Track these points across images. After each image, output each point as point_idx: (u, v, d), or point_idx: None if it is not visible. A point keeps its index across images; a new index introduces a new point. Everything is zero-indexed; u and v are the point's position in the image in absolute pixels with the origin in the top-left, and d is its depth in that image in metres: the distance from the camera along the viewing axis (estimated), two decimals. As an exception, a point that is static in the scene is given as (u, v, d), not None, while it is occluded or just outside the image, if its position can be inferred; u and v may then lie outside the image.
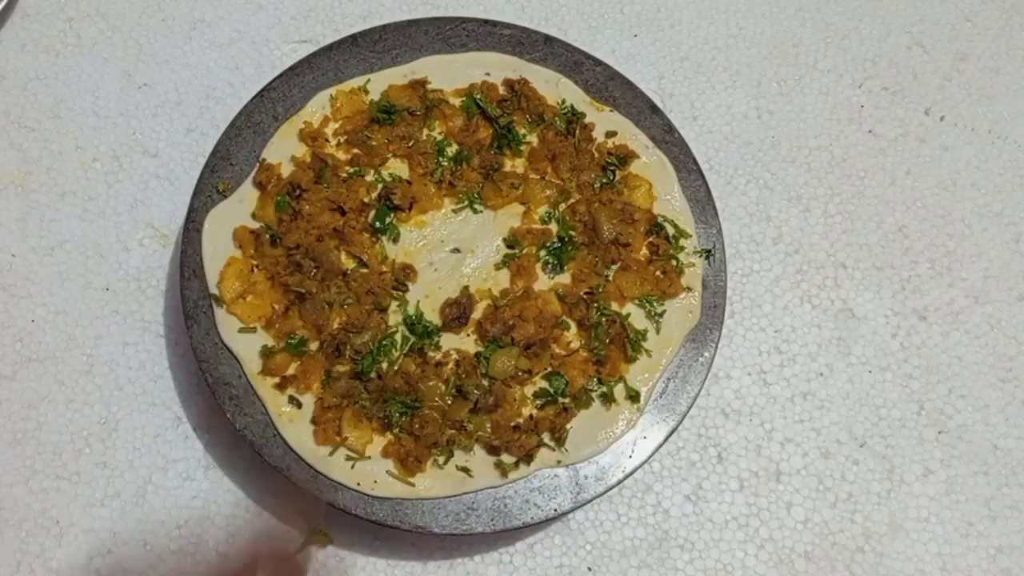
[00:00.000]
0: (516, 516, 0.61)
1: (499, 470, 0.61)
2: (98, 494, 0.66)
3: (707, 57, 0.80)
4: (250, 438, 0.61)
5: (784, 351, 0.71)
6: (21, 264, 0.71)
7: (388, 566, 0.65)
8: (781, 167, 0.77)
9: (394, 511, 0.60)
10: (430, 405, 0.62)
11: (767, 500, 0.67)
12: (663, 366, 0.64)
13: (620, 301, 0.65)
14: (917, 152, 0.78)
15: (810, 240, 0.75)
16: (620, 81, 0.71)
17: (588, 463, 0.62)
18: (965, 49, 0.81)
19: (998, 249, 0.75)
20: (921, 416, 0.70)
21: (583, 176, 0.68)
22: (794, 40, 0.81)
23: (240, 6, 0.80)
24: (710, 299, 0.66)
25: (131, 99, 0.77)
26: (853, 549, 0.66)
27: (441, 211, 0.67)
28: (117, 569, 0.64)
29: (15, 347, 0.69)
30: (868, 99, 0.79)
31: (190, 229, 0.66)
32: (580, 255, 0.67)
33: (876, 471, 0.68)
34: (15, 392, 0.68)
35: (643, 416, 0.63)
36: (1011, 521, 0.67)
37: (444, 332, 0.64)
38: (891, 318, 0.72)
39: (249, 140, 0.68)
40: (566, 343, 0.64)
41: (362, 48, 0.71)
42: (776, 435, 0.69)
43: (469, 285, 0.65)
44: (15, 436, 0.67)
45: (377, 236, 0.66)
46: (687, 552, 0.66)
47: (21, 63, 0.77)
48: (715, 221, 0.68)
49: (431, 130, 0.69)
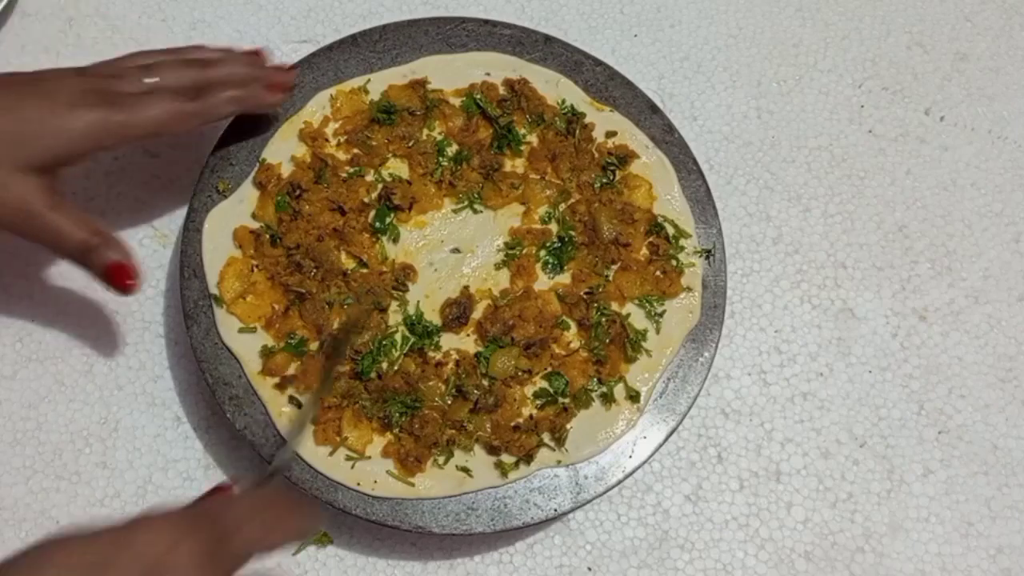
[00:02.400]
0: (516, 516, 0.61)
1: (499, 470, 0.61)
2: (98, 494, 0.66)
3: (707, 57, 0.80)
4: (250, 438, 0.61)
5: (784, 351, 0.71)
6: (21, 264, 0.71)
7: (388, 566, 0.65)
8: (781, 167, 0.77)
9: (394, 511, 0.60)
10: (430, 405, 0.62)
11: (767, 500, 0.67)
12: (663, 366, 0.64)
13: (620, 301, 0.65)
14: (917, 152, 0.78)
15: (810, 240, 0.75)
16: (620, 81, 0.71)
17: (588, 463, 0.62)
18: (965, 49, 0.81)
19: (998, 249, 0.75)
20: (921, 416, 0.70)
21: (583, 176, 0.68)
22: (794, 40, 0.81)
23: (240, 6, 0.80)
24: (710, 299, 0.66)
25: (131, 99, 0.77)
26: (853, 549, 0.66)
27: (441, 211, 0.67)
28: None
29: (15, 347, 0.69)
30: (868, 99, 0.79)
31: (190, 229, 0.66)
32: (580, 255, 0.67)
33: (876, 471, 0.68)
34: (15, 392, 0.68)
35: (643, 416, 0.63)
36: (1011, 521, 0.67)
37: (444, 332, 0.64)
38: (891, 318, 0.72)
39: (249, 140, 0.68)
40: (566, 343, 0.64)
41: (362, 48, 0.71)
42: (776, 435, 0.69)
43: (469, 285, 0.65)
44: (15, 436, 0.67)
45: (377, 236, 0.66)
46: (687, 552, 0.66)
47: (21, 63, 0.77)
48: (715, 221, 0.68)
49: (431, 130, 0.69)
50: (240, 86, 0.63)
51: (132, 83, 0.60)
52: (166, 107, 0.60)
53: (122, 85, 0.60)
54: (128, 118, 0.58)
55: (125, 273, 0.56)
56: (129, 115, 0.58)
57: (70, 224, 0.55)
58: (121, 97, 0.59)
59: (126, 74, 0.61)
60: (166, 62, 0.63)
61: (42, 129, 0.54)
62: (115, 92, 0.59)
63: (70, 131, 0.56)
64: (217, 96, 0.62)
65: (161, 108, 0.59)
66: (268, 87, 0.64)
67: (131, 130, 0.59)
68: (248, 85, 0.64)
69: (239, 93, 0.63)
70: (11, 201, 0.53)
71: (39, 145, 0.54)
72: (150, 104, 0.59)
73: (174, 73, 0.62)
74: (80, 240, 0.55)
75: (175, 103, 0.60)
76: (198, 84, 0.62)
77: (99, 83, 0.59)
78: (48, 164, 0.56)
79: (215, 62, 0.64)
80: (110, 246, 0.57)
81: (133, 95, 0.59)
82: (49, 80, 0.58)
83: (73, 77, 0.59)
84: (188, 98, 0.61)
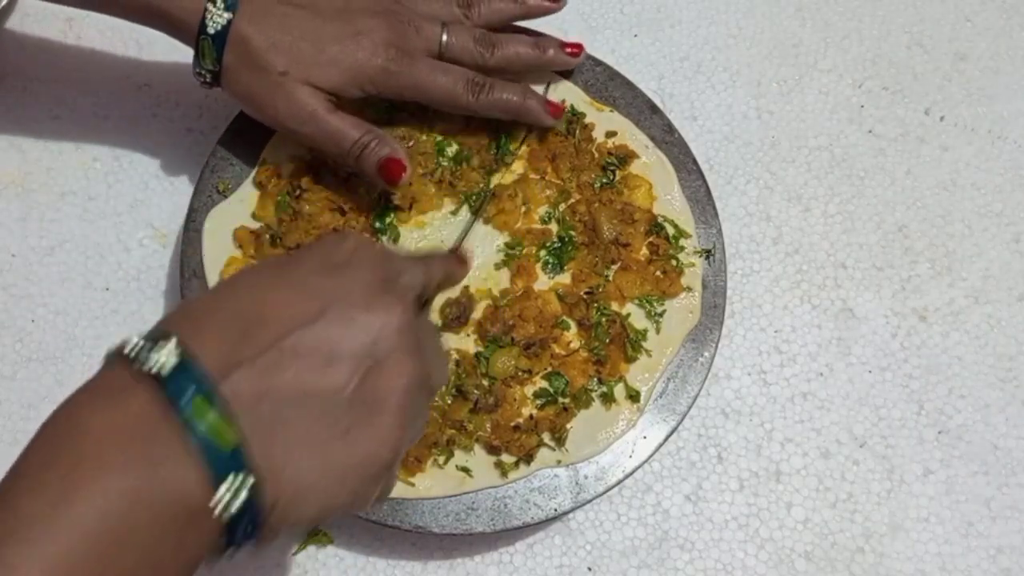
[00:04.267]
0: (516, 516, 0.61)
1: (499, 470, 0.61)
2: (98, 494, 0.66)
3: (707, 57, 0.80)
4: (250, 438, 0.61)
5: (784, 351, 0.71)
6: (21, 264, 0.71)
7: (388, 566, 0.65)
8: (781, 167, 0.77)
9: (394, 511, 0.60)
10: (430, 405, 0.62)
11: (767, 500, 0.67)
12: (663, 366, 0.64)
13: (620, 301, 0.65)
14: (917, 152, 0.78)
15: (810, 240, 0.75)
16: (620, 81, 0.71)
17: (588, 463, 0.62)
18: (965, 49, 0.81)
19: (998, 249, 0.75)
20: (921, 416, 0.70)
21: (583, 176, 0.68)
22: (794, 40, 0.81)
23: (240, 6, 0.80)
24: (710, 299, 0.66)
25: (131, 99, 0.77)
26: (853, 549, 0.66)
27: (441, 212, 0.67)
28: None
29: (15, 347, 0.69)
30: (868, 99, 0.79)
31: (190, 229, 0.66)
32: (580, 255, 0.67)
33: (876, 471, 0.68)
34: (15, 392, 0.68)
35: (643, 416, 0.63)
36: (1011, 521, 0.67)
37: (444, 332, 0.64)
38: (891, 318, 0.72)
39: (249, 140, 0.68)
40: (566, 343, 0.64)
41: (362, 48, 0.71)
42: (776, 435, 0.69)
43: (469, 285, 0.65)
44: (15, 436, 0.67)
45: (377, 236, 0.66)
46: (687, 552, 0.66)
47: (21, 63, 0.77)
48: (715, 221, 0.68)
49: (431, 130, 0.69)
50: (521, 93, 0.66)
51: (431, 41, 0.64)
52: (448, 86, 0.64)
53: (420, 42, 0.64)
54: (412, 76, 0.63)
55: (398, 165, 0.63)
56: (413, 74, 0.63)
57: (348, 125, 0.62)
58: (415, 55, 0.63)
59: (426, 27, 0.64)
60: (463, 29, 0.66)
61: (334, 62, 0.61)
62: (411, 48, 0.63)
63: (358, 72, 0.62)
64: (494, 98, 0.65)
65: (449, 85, 0.64)
66: (550, 107, 0.67)
67: (410, 91, 0.64)
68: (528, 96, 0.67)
69: (517, 102, 0.66)
70: (299, 104, 0.61)
71: (328, 74, 0.61)
72: (436, 74, 0.64)
73: (467, 48, 0.65)
74: (356, 138, 0.62)
75: (458, 85, 0.64)
76: (487, 67, 0.66)
77: (401, 32, 0.63)
78: (332, 91, 0.62)
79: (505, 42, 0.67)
80: (382, 143, 0.63)
81: (429, 57, 0.64)
82: (358, 19, 0.62)
83: (381, 20, 0.63)
84: (473, 86, 0.64)
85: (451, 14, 0.66)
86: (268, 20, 0.61)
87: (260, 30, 0.60)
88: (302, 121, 0.61)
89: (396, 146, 0.63)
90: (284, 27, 0.61)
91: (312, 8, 0.62)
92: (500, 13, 0.68)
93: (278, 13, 0.61)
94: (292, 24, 0.61)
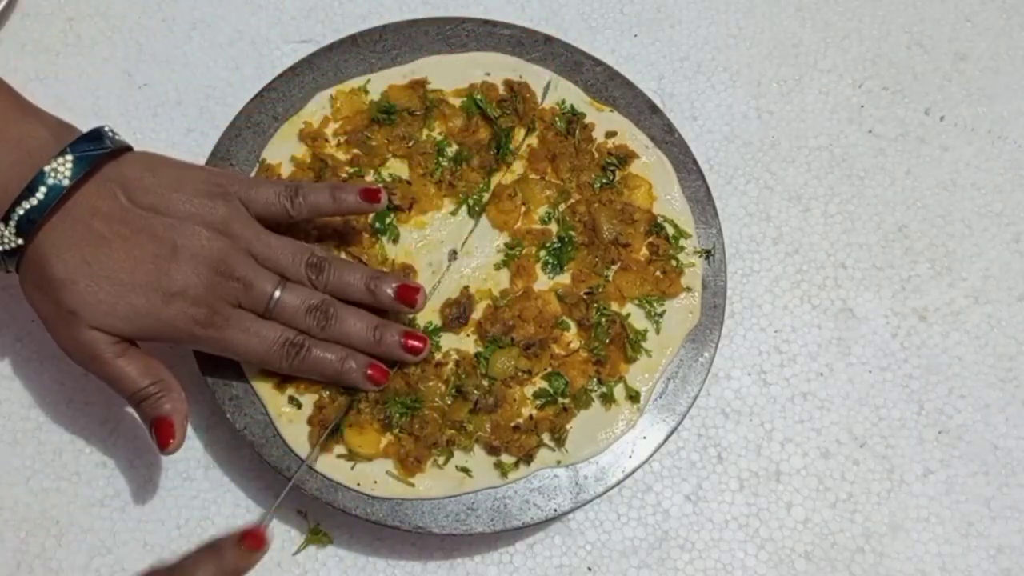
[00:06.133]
0: (516, 516, 0.61)
1: (499, 470, 0.61)
2: (98, 494, 0.66)
3: (707, 57, 0.80)
4: (250, 438, 0.61)
5: (784, 351, 0.71)
6: (21, 264, 0.71)
7: (388, 566, 0.65)
8: (781, 167, 0.77)
9: (394, 511, 0.60)
10: (430, 405, 0.62)
11: (767, 500, 0.67)
12: (663, 366, 0.64)
13: (620, 301, 0.65)
14: (917, 152, 0.78)
15: (810, 240, 0.75)
16: (620, 81, 0.71)
17: (588, 463, 0.62)
18: (965, 49, 0.81)
19: (998, 249, 0.75)
20: (921, 416, 0.70)
21: (583, 176, 0.68)
22: (794, 40, 0.81)
23: (240, 6, 0.80)
24: (710, 299, 0.66)
25: (131, 99, 0.77)
26: (853, 549, 0.66)
27: (441, 212, 0.67)
28: (117, 569, 0.64)
29: (15, 347, 0.69)
30: (868, 99, 0.79)
31: (190, 229, 0.66)
32: (580, 255, 0.67)
33: (876, 471, 0.68)
34: (15, 392, 0.68)
35: (643, 416, 0.63)
36: (1011, 521, 0.67)
37: (444, 332, 0.64)
38: (891, 318, 0.72)
39: (249, 140, 0.68)
40: (566, 343, 0.64)
41: (362, 48, 0.71)
42: (776, 435, 0.69)
43: (469, 285, 0.65)
44: (15, 436, 0.67)
45: (377, 236, 0.66)
46: (687, 552, 0.66)
47: (21, 63, 0.77)
48: (715, 221, 0.68)
49: (431, 130, 0.69)
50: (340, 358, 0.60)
51: (258, 301, 0.58)
52: (261, 351, 0.58)
53: (246, 300, 0.58)
54: (220, 340, 0.58)
55: (166, 430, 0.57)
56: (222, 337, 0.58)
57: (133, 371, 0.57)
58: (230, 317, 0.58)
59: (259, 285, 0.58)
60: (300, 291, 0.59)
61: (132, 315, 0.56)
62: (226, 312, 0.57)
63: (158, 330, 0.57)
64: (311, 361, 0.59)
65: (262, 349, 0.58)
66: (368, 376, 0.60)
67: (214, 349, 0.59)
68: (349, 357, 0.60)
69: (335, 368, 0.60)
70: (83, 346, 0.56)
71: (121, 326, 0.56)
72: (249, 338, 0.58)
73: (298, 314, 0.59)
74: (137, 389, 0.57)
75: (272, 350, 0.58)
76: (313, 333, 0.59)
77: (222, 291, 0.57)
78: (125, 338, 0.57)
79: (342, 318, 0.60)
80: (165, 399, 0.58)
81: (245, 320, 0.58)
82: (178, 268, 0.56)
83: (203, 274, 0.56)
84: (290, 348, 0.59)
85: (296, 274, 0.60)
86: (74, 249, 0.55)
87: (60, 259, 0.55)
88: (85, 361, 0.57)
89: (178, 405, 0.58)
90: (89, 259, 0.55)
91: (133, 241, 0.56)
92: (348, 288, 0.61)
93: (91, 239, 0.55)
94: (100, 258, 0.55)
